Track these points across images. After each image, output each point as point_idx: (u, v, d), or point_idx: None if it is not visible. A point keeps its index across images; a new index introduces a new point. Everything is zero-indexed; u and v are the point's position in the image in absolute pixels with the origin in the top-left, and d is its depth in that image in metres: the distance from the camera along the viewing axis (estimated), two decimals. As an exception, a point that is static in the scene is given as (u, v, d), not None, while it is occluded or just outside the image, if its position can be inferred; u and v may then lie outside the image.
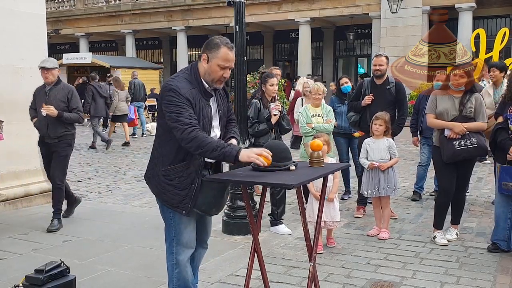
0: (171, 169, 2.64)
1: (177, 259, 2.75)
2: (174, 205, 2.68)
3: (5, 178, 5.31)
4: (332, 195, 4.22)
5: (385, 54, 5.51)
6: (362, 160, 4.67)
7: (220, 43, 2.60)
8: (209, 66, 2.61)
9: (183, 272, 2.76)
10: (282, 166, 2.68)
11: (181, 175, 2.63)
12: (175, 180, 2.64)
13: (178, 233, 2.74)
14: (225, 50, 2.59)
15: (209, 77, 2.63)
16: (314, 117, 5.12)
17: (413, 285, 3.43)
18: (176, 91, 2.55)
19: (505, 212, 4.07)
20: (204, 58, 2.63)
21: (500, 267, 3.77)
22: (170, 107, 2.55)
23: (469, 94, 4.17)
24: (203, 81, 2.65)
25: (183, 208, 2.66)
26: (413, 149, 8.71)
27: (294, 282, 3.48)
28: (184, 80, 2.63)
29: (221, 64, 2.59)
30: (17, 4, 5.39)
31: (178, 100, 2.54)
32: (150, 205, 5.88)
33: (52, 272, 2.84)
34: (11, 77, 5.41)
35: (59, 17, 23.77)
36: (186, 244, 2.75)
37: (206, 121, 2.64)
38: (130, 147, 11.19)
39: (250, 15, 17.46)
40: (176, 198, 2.66)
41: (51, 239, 4.40)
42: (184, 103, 2.54)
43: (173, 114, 2.54)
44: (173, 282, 2.79)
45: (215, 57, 2.59)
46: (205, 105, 2.65)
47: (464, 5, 16.49)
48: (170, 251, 2.78)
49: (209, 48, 2.62)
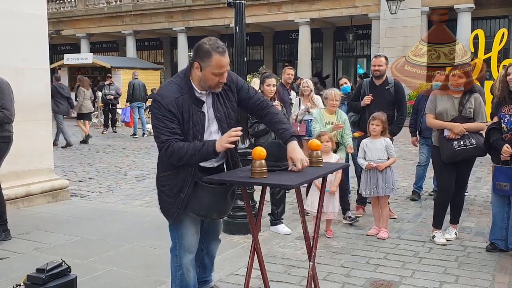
0: (164, 176, 2.69)
1: (180, 262, 2.80)
2: (164, 212, 2.74)
3: (6, 178, 5.32)
4: (334, 188, 4.41)
5: (384, 54, 5.53)
6: (360, 161, 4.70)
7: (211, 49, 2.46)
8: (203, 74, 2.51)
9: (185, 275, 2.81)
10: (282, 166, 2.69)
11: (170, 183, 2.66)
12: (166, 187, 2.68)
13: (179, 237, 2.78)
14: (217, 57, 2.46)
15: (205, 84, 2.56)
16: (328, 125, 5.00)
17: (412, 284, 3.45)
18: (159, 102, 2.51)
19: (501, 211, 4.08)
20: (197, 66, 2.51)
21: (498, 267, 3.78)
22: (153, 120, 2.56)
23: (469, 95, 4.19)
24: (194, 87, 2.57)
25: (170, 215, 2.70)
26: (412, 149, 8.72)
27: (293, 281, 3.50)
28: (173, 87, 2.57)
29: (215, 72, 2.49)
30: (18, 5, 5.41)
31: (159, 112, 2.51)
32: (150, 205, 5.90)
33: (53, 272, 2.83)
34: (13, 78, 5.41)
35: (60, 18, 23.80)
36: (188, 249, 2.79)
37: (197, 129, 2.58)
38: (131, 147, 11.21)
39: (250, 16, 17.46)
40: (166, 205, 2.71)
41: (52, 239, 4.41)
42: (165, 116, 2.49)
43: (155, 129, 2.56)
44: (176, 283, 2.85)
45: (208, 65, 2.48)
46: (196, 112, 2.57)
47: (463, 6, 16.52)
48: (174, 253, 2.83)
49: (200, 56, 2.50)
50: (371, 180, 4.58)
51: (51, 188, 5.83)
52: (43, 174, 5.78)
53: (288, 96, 6.98)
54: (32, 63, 5.58)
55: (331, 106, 5.05)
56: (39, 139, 5.70)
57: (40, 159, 5.75)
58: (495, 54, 13.07)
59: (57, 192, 5.89)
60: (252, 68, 16.88)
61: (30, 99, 5.57)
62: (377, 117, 4.66)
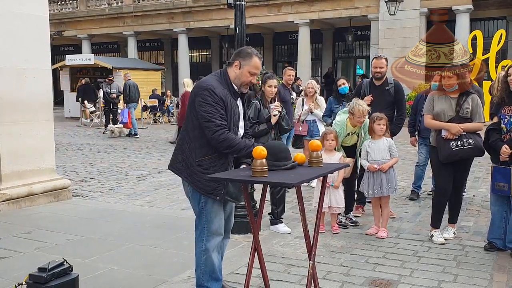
0: (206, 160, 2.88)
1: (206, 246, 2.97)
2: (209, 192, 2.89)
3: (9, 177, 5.36)
4: (338, 184, 4.54)
5: (385, 56, 5.54)
6: (363, 162, 4.71)
7: (252, 53, 2.96)
8: (241, 72, 2.94)
9: (210, 258, 2.97)
10: (282, 166, 2.74)
11: (215, 164, 2.89)
12: (209, 169, 2.87)
13: (208, 221, 2.95)
14: (256, 59, 2.95)
15: (239, 81, 2.95)
16: (348, 136, 4.82)
17: (411, 283, 3.47)
18: (212, 90, 2.84)
19: (500, 211, 4.11)
20: (237, 64, 2.94)
21: (496, 266, 3.81)
22: (204, 106, 2.83)
23: (466, 95, 4.21)
24: (232, 83, 2.96)
25: (217, 194, 2.89)
26: (411, 149, 8.75)
27: (293, 280, 3.52)
28: (216, 81, 2.93)
29: (252, 71, 2.94)
30: (21, 7, 5.45)
31: (212, 99, 2.83)
32: (151, 205, 5.94)
33: (55, 271, 2.85)
34: (15, 78, 5.47)
35: (62, 19, 23.86)
36: (216, 231, 2.98)
37: (236, 118, 2.96)
38: (132, 147, 11.24)
39: (250, 17, 17.48)
40: (210, 185, 2.87)
41: (54, 238, 4.44)
42: (217, 103, 2.83)
43: (206, 114, 2.83)
44: (201, 268, 3.00)
45: (247, 64, 2.93)
46: (235, 104, 2.97)
47: (461, 7, 16.55)
48: (200, 238, 2.98)
49: (242, 56, 2.96)
50: (374, 180, 4.60)
51: (52, 188, 5.86)
52: (45, 174, 5.82)
53: (289, 96, 7.03)
54: (34, 64, 5.62)
55: (358, 122, 4.69)
56: (40, 139, 5.74)
57: (42, 159, 5.79)
58: (493, 55, 13.12)
59: (59, 192, 5.93)
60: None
61: (32, 99, 5.61)
62: (382, 117, 4.68)
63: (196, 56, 25.30)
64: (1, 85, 5.30)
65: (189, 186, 2.96)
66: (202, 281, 3.02)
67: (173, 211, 5.59)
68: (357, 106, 4.59)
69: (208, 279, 3.01)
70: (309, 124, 6.65)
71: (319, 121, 6.65)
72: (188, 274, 3.53)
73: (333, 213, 4.69)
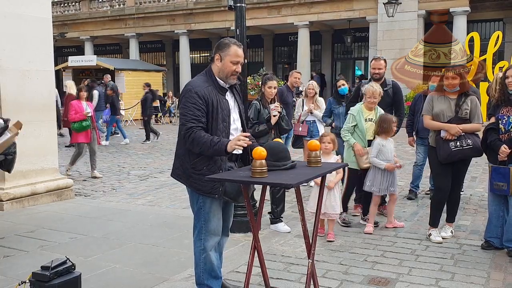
0: (198, 161, 2.89)
1: (204, 245, 2.99)
2: (207, 192, 2.90)
3: (12, 177, 5.40)
4: (332, 184, 4.40)
5: (383, 57, 5.57)
6: (376, 160, 4.68)
7: (229, 42, 2.95)
8: (223, 64, 2.93)
9: (209, 257, 3.00)
10: (281, 166, 2.76)
11: (208, 163, 2.89)
12: (203, 170, 2.88)
13: (206, 221, 2.97)
14: (235, 47, 2.93)
15: (223, 73, 2.94)
16: (367, 122, 4.83)
17: (409, 281, 3.50)
18: (191, 90, 2.87)
19: (497, 210, 4.15)
20: (217, 58, 2.94)
21: (493, 264, 3.84)
22: (182, 109, 2.88)
23: (465, 96, 4.24)
24: (217, 79, 2.96)
25: (215, 192, 2.89)
26: (409, 149, 8.79)
27: (293, 279, 3.55)
28: (200, 80, 2.96)
29: (233, 60, 2.92)
30: (24, 9, 5.50)
31: (189, 101, 2.84)
32: (153, 204, 5.99)
33: (58, 269, 2.86)
34: (19, 79, 5.53)
35: (65, 20, 23.96)
36: (214, 231, 2.99)
37: (225, 113, 2.94)
38: (134, 148, 11.29)
39: (250, 18, 17.55)
40: (208, 184, 2.87)
41: (57, 237, 4.48)
42: (194, 104, 2.83)
43: (181, 117, 2.87)
44: (200, 266, 3.03)
45: (227, 54, 2.92)
46: (222, 99, 2.95)
47: (459, 9, 16.59)
48: (199, 237, 3.01)
49: (220, 48, 2.95)
50: (383, 179, 4.69)
51: (56, 187, 5.92)
52: (48, 173, 5.87)
53: (292, 98, 7.08)
54: (37, 65, 5.67)
55: (370, 103, 4.76)
56: (43, 139, 5.79)
57: (45, 158, 5.84)
58: (490, 56, 13.19)
59: (62, 191, 5.98)
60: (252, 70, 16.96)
61: (35, 100, 5.66)
62: (392, 116, 4.78)
63: (197, 57, 25.36)
64: (5, 86, 5.36)
65: (188, 188, 3.00)
66: (202, 279, 3.05)
67: (175, 210, 5.64)
68: (369, 87, 4.79)
69: (207, 277, 3.04)
70: (309, 124, 6.70)
71: (319, 122, 6.71)
72: (189, 272, 3.56)
73: (330, 219, 4.51)
